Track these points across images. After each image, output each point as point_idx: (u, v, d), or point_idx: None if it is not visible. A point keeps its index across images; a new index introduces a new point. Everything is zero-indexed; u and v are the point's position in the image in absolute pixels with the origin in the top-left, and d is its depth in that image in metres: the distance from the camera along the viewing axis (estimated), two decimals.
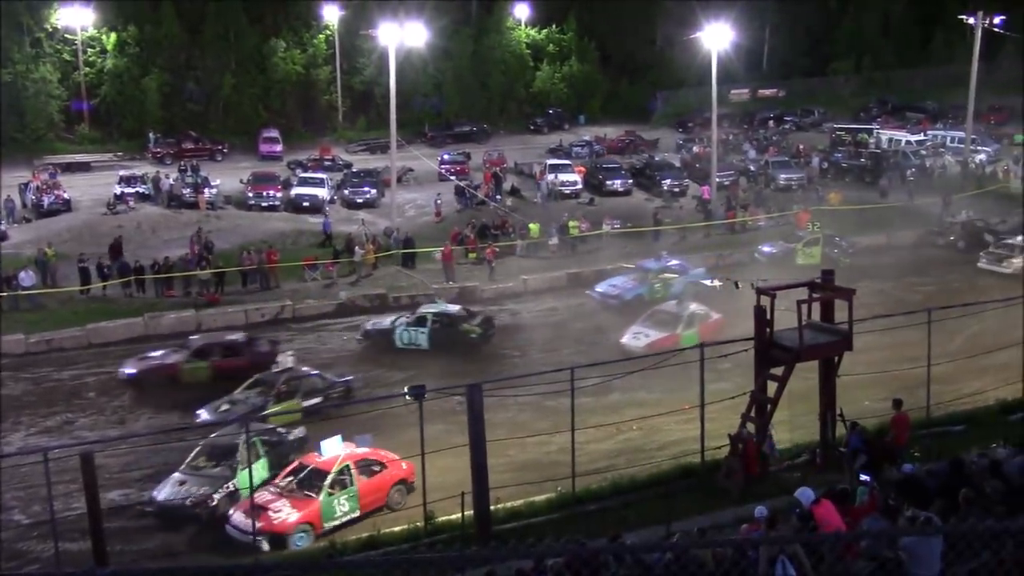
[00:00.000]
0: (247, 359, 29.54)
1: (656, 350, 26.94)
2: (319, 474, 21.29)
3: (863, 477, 16.34)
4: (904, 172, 52.42)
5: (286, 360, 28.66)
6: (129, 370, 29.19)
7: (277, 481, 21.67)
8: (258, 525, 19.93)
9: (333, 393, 27.38)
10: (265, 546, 20.09)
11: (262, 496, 20.84)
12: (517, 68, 73.02)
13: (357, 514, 21.29)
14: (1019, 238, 39.38)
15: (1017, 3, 68.30)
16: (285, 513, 20.63)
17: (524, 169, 54.28)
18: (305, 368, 28.39)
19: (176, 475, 22.45)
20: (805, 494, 14.33)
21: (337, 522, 20.96)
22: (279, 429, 24.28)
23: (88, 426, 26.88)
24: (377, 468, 21.99)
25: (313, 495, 20.98)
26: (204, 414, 25.80)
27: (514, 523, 19.06)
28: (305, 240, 42.91)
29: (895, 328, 23.45)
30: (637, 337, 30.40)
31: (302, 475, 21.51)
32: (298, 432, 24.30)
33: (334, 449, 21.73)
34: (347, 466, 21.40)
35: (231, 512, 21.09)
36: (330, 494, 20.95)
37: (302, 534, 20.53)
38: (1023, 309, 23.18)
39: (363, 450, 21.98)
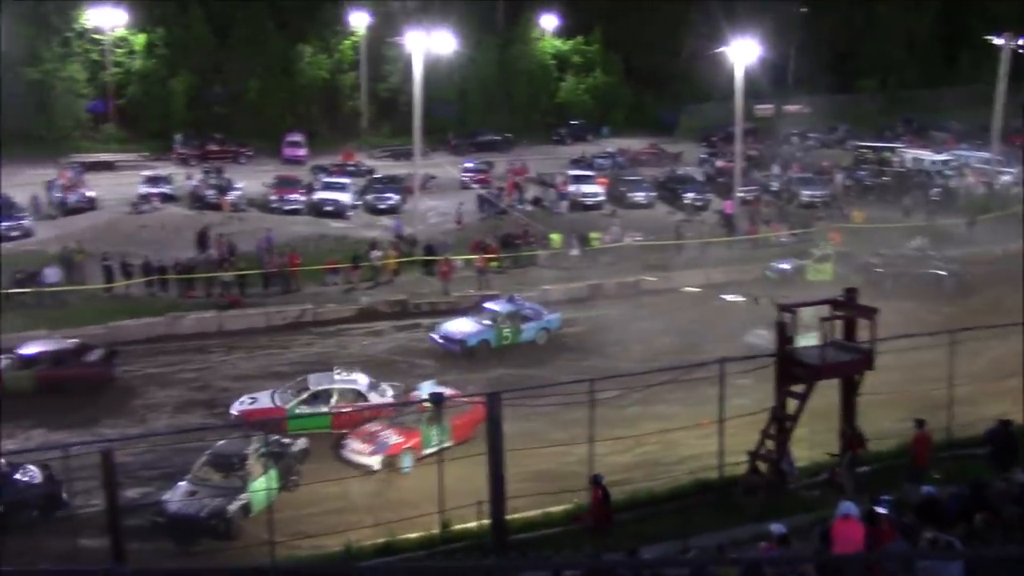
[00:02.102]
0: (75, 371, 28.34)
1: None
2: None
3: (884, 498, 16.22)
4: (928, 191, 52.14)
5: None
6: None
7: (386, 414, 25.37)
8: (371, 448, 24.02)
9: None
10: (376, 466, 23.77)
11: (373, 426, 24.97)
12: (542, 78, 73.16)
13: (449, 444, 24.18)
14: None
15: None
16: (394, 440, 24.37)
17: (547, 179, 54.33)
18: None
19: (184, 485, 22.18)
20: (846, 507, 14.24)
21: (433, 449, 23.86)
22: (283, 440, 24.23)
23: (110, 424, 27.02)
24: (466, 408, 25.20)
25: (415, 427, 24.69)
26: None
27: (530, 533, 19.04)
28: (327, 244, 43.08)
29: (918, 348, 23.34)
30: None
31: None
32: (301, 443, 24.26)
33: (430, 389, 25.48)
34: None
35: (347, 439, 24.62)
36: (427, 426, 24.33)
37: (408, 456, 24.15)
38: None
39: (447, 389, 25.99)
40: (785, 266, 39.72)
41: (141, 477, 23.34)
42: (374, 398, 26.58)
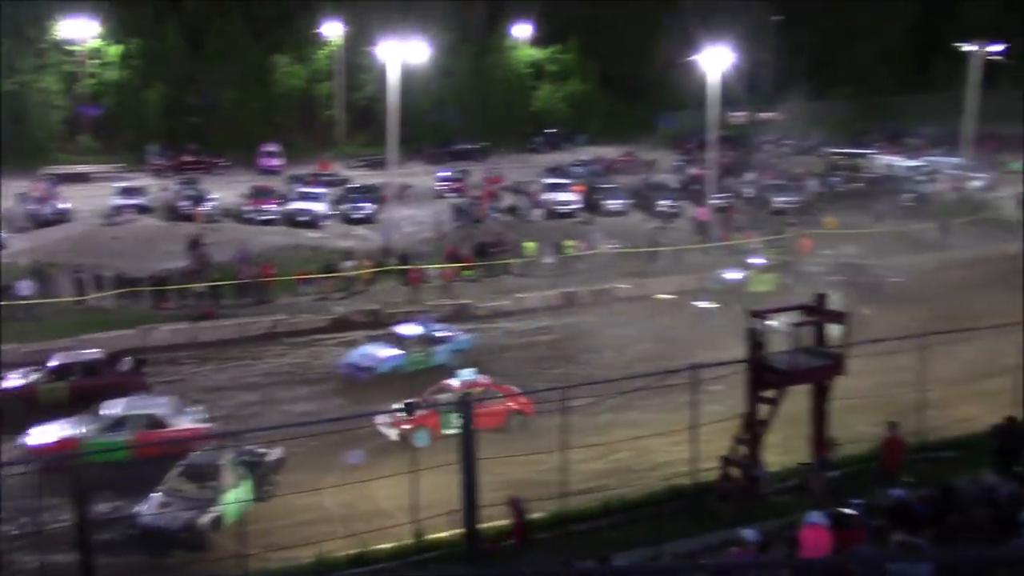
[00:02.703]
0: (109, 380, 28.29)
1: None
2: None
3: (853, 503, 16.29)
4: (900, 197, 52.56)
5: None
6: None
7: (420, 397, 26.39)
8: (391, 421, 25.40)
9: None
10: (393, 436, 25.01)
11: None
12: (518, 87, 73.36)
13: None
14: None
15: (1015, 33, 68.77)
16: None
17: (522, 188, 54.40)
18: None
19: (158, 496, 21.90)
20: (813, 516, 14.33)
21: (453, 431, 23.59)
22: (258, 450, 23.98)
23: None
24: (496, 397, 26.14)
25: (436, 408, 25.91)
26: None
27: (503, 542, 18.99)
28: (301, 254, 42.93)
29: (889, 353, 23.50)
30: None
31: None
32: (277, 452, 24.03)
33: (466, 376, 27.04)
34: (467, 392, 24.99)
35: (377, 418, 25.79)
36: (449, 410, 24.78)
37: (423, 433, 25.04)
38: (1023, 335, 23.16)
39: (485, 378, 27.55)
40: (734, 275, 39.39)
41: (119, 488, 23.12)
42: (179, 423, 25.36)
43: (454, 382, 27.11)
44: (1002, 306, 34.31)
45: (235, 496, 21.49)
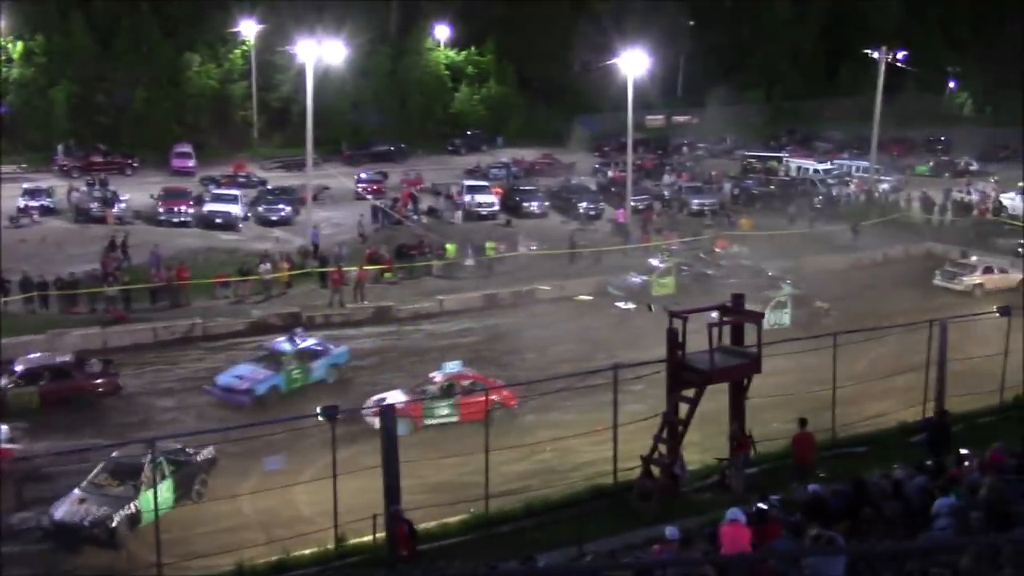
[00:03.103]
0: (80, 383, 27.97)
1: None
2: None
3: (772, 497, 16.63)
4: (812, 199, 53.86)
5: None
6: None
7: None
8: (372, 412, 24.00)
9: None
10: (376, 425, 22.44)
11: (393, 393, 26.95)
12: (436, 88, 73.21)
13: (456, 419, 26.22)
14: (973, 258, 41.29)
15: (917, 39, 71.06)
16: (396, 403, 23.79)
17: (441, 190, 54.31)
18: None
19: (76, 492, 21.62)
20: (733, 513, 14.54)
21: (435, 421, 26.20)
22: (187, 449, 23.61)
23: None
24: (481, 389, 25.80)
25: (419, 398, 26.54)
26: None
27: (427, 545, 18.92)
28: (217, 257, 42.16)
29: (803, 352, 24.09)
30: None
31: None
32: (207, 452, 23.66)
33: (451, 368, 27.72)
34: (452, 384, 26.91)
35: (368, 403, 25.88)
36: (431, 399, 26.28)
37: (406, 423, 24.53)
38: (928, 333, 23.89)
39: (470, 371, 27.92)
40: (634, 280, 39.42)
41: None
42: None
43: (438, 375, 27.56)
44: (906, 306, 35.55)
45: (156, 495, 21.07)
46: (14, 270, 36.90)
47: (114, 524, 20.98)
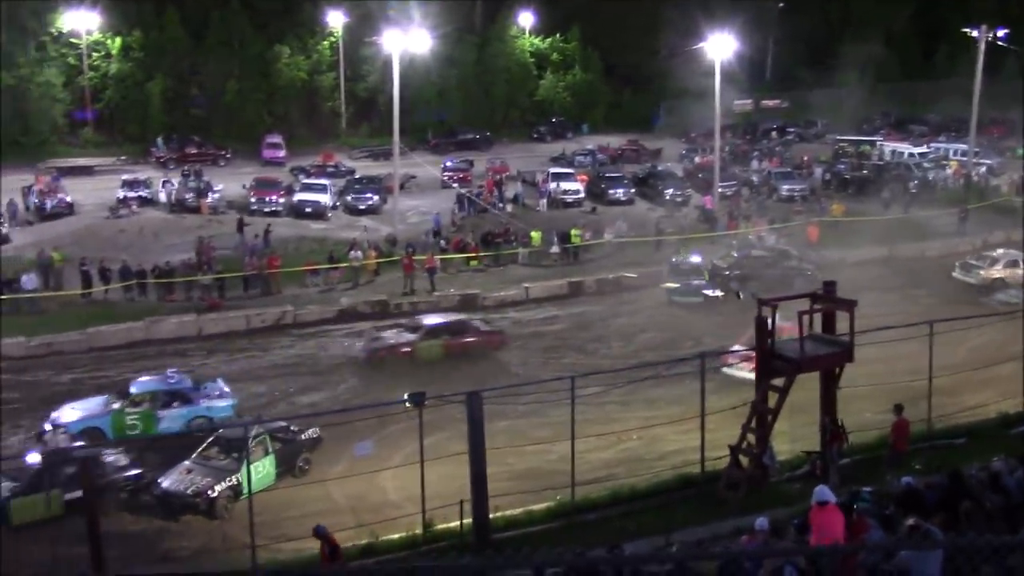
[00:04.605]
0: (475, 339, 31.25)
1: None
2: None
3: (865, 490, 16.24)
4: (907, 184, 52.40)
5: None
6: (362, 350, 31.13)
7: None
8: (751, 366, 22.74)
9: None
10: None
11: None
12: (521, 76, 73.17)
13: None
14: (998, 251, 39.49)
15: (1019, 18, 68.44)
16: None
17: (527, 177, 54.32)
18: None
19: (185, 463, 22.76)
20: (822, 492, 13.88)
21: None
22: (292, 427, 24.50)
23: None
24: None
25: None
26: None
27: (513, 532, 18.99)
28: (307, 246, 42.88)
29: (897, 340, 23.41)
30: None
31: None
32: (311, 432, 24.44)
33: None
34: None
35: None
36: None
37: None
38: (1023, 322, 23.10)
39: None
40: (696, 258, 38.62)
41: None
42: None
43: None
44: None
45: (259, 469, 21.67)
46: (114, 259, 38.10)
47: (215, 495, 21.90)
